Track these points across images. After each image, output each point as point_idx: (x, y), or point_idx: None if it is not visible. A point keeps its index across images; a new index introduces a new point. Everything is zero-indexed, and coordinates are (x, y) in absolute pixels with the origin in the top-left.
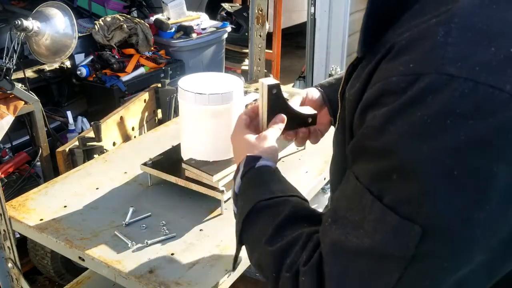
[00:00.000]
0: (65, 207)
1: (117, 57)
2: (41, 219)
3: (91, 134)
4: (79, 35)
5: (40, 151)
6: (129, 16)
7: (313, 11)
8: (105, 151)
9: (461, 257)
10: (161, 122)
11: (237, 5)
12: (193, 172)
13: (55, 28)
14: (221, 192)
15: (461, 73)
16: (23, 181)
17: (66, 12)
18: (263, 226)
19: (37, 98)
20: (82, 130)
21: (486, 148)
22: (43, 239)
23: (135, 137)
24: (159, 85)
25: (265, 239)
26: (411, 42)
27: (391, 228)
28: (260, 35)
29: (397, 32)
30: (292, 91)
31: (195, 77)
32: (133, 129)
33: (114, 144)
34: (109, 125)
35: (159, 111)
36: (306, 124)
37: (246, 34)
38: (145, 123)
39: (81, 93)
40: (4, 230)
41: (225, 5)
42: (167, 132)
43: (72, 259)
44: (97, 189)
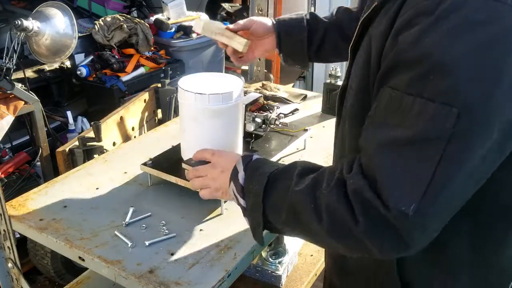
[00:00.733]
0: (65, 207)
1: (117, 57)
2: (41, 219)
3: (91, 134)
4: (79, 35)
5: (40, 151)
6: (129, 16)
7: (313, 11)
8: (105, 151)
9: (487, 131)
10: (161, 122)
11: (237, 5)
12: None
13: (55, 28)
14: None
15: None
16: (23, 181)
17: (66, 12)
18: (283, 186)
19: (37, 98)
20: (82, 130)
21: (498, 44)
22: (43, 239)
23: (135, 137)
24: (159, 85)
25: (290, 191)
26: None
27: (432, 115)
28: None
29: None
30: (291, 91)
31: (195, 77)
32: (133, 129)
33: (114, 144)
34: (109, 125)
35: (159, 111)
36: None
37: None
38: (145, 123)
39: (81, 93)
40: (4, 230)
41: (225, 5)
42: (167, 132)
43: (72, 259)
44: (97, 189)
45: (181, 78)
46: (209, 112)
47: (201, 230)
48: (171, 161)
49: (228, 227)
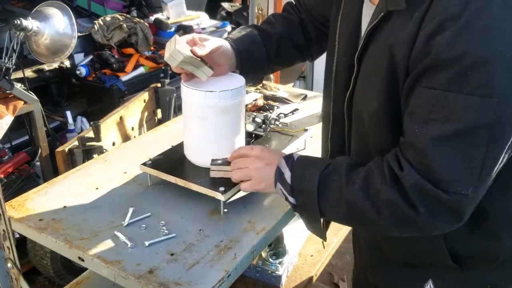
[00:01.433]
0: (65, 207)
1: (116, 56)
2: (41, 219)
3: (91, 134)
4: (79, 34)
5: (39, 151)
6: (128, 15)
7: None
8: (104, 151)
9: None
10: (160, 122)
11: (237, 5)
12: (222, 170)
13: (54, 27)
14: (221, 192)
15: None
16: (22, 181)
17: (65, 11)
18: (335, 186)
19: (36, 98)
20: (81, 130)
21: None
22: (42, 239)
23: (134, 137)
24: (159, 85)
25: (344, 190)
26: None
27: (475, 107)
28: None
29: None
30: (291, 91)
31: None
32: (132, 129)
33: (113, 144)
34: (109, 125)
35: (159, 111)
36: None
37: None
38: (144, 123)
39: (81, 93)
40: (3, 230)
41: (225, 5)
42: (167, 132)
43: (71, 259)
44: (96, 189)
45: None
46: (218, 109)
47: (201, 230)
48: (171, 161)
49: (228, 227)
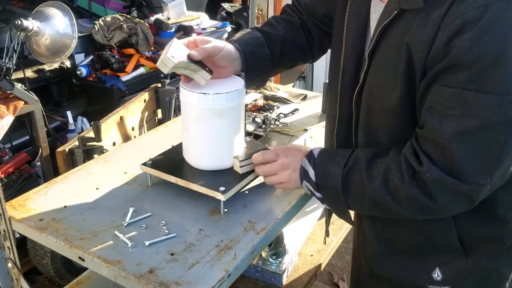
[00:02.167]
0: (65, 207)
1: (117, 57)
2: (41, 219)
3: (91, 134)
4: (79, 35)
5: (40, 151)
6: (129, 16)
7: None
8: (105, 151)
9: None
10: (161, 122)
11: (237, 5)
12: (250, 164)
13: (55, 28)
14: (221, 192)
15: None
16: (23, 181)
17: (66, 12)
18: (357, 181)
19: (37, 98)
20: (82, 130)
21: None
22: (43, 239)
23: (135, 137)
24: (159, 85)
25: (366, 186)
26: None
27: (493, 105)
28: None
29: None
30: (291, 91)
31: None
32: (133, 129)
33: (114, 144)
34: (109, 125)
35: (159, 111)
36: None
37: None
38: (145, 123)
39: (81, 93)
40: (4, 230)
41: (225, 5)
42: (167, 132)
43: (72, 259)
44: (97, 189)
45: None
46: (213, 111)
47: (201, 230)
48: (171, 161)
49: (228, 227)
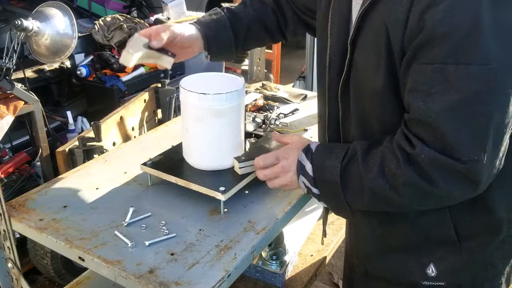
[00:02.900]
0: (65, 207)
1: (117, 57)
2: (41, 219)
3: (91, 134)
4: (79, 35)
5: (40, 151)
6: (129, 16)
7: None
8: (105, 151)
9: None
10: (161, 122)
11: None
12: (249, 166)
13: (55, 28)
14: (221, 192)
15: None
16: (23, 181)
17: (66, 12)
18: (355, 174)
19: (37, 98)
20: (82, 130)
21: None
22: (43, 239)
23: (135, 137)
24: (159, 85)
25: (363, 178)
26: None
27: (474, 76)
28: None
29: None
30: (291, 91)
31: (196, 77)
32: (133, 129)
33: (114, 144)
34: (109, 125)
35: (159, 111)
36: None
37: None
38: (145, 123)
39: (81, 93)
40: (4, 230)
41: (225, 5)
42: (167, 132)
43: (72, 259)
44: (97, 189)
45: (182, 78)
46: (212, 112)
47: (201, 230)
48: (171, 161)
49: (228, 227)
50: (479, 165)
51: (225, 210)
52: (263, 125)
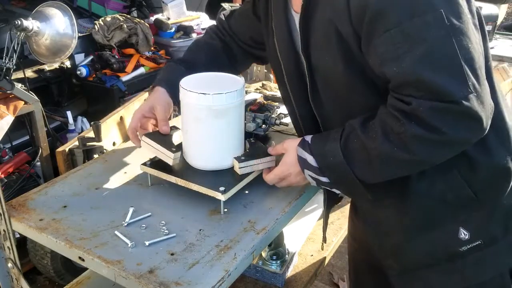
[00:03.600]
0: (65, 207)
1: (117, 57)
2: (41, 219)
3: (91, 134)
4: (79, 35)
5: (40, 151)
6: (129, 16)
7: None
8: (105, 151)
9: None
10: None
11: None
12: (249, 165)
13: (55, 28)
14: (221, 192)
15: None
16: (23, 181)
17: (66, 12)
18: (358, 148)
19: (37, 98)
20: (82, 130)
21: None
22: (43, 239)
23: None
24: None
25: (368, 148)
26: None
27: (431, 22)
28: None
29: None
30: None
31: (196, 78)
32: None
33: (114, 144)
34: (109, 125)
35: None
36: None
37: None
38: None
39: (81, 93)
40: (4, 230)
41: (225, 5)
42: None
43: (72, 259)
44: (97, 189)
45: (182, 78)
46: (212, 112)
47: (201, 230)
48: None
49: (228, 227)
50: (472, 101)
51: (225, 210)
52: (263, 125)
